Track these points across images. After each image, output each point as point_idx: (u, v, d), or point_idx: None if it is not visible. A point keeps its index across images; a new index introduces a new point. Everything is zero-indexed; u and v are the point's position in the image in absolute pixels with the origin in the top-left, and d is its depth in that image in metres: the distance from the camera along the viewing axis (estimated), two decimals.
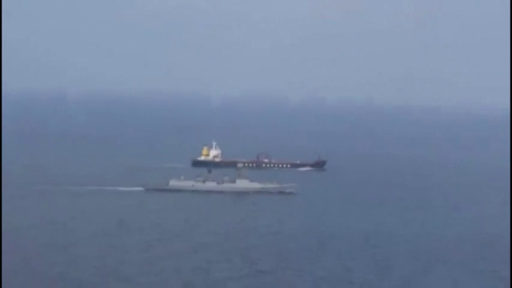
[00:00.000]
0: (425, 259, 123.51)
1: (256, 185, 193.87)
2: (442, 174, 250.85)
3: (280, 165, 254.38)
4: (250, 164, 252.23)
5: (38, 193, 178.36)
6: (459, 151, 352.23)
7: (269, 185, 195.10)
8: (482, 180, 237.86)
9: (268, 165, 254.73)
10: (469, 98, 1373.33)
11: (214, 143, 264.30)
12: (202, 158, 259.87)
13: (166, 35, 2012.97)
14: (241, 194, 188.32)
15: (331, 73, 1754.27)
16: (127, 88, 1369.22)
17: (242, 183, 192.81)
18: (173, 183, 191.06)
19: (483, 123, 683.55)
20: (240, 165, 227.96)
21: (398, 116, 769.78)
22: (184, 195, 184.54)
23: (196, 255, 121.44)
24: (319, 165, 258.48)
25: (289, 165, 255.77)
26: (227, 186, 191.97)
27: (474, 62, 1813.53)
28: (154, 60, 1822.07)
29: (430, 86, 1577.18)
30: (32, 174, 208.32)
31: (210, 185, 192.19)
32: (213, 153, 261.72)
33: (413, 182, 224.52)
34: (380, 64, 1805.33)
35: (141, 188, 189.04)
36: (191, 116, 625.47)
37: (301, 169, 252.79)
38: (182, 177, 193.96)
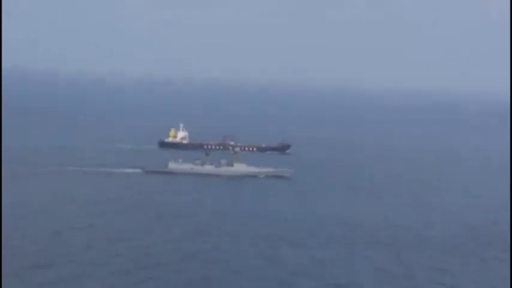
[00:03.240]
0: None
1: (253, 169, 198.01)
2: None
3: (246, 148, 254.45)
4: (217, 147, 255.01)
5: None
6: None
7: (265, 169, 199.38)
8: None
9: (234, 148, 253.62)
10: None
11: (181, 125, 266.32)
12: (170, 139, 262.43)
13: None
14: (238, 177, 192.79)
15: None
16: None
17: (239, 167, 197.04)
18: (172, 165, 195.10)
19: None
20: (207, 146, 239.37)
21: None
22: (183, 177, 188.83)
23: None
24: (283, 148, 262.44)
25: (254, 149, 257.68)
26: (225, 169, 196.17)
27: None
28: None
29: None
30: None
31: (208, 168, 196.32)
32: (180, 135, 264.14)
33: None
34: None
35: (139, 170, 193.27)
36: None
37: (267, 152, 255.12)
38: (180, 160, 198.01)
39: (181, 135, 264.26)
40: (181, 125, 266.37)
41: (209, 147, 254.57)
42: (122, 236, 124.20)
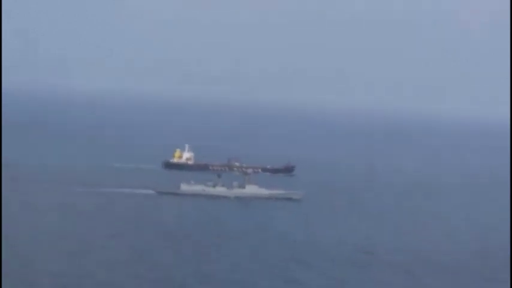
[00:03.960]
0: None
1: (264, 191, 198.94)
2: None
3: (250, 170, 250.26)
4: (222, 168, 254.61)
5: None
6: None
7: (277, 192, 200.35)
8: None
9: (239, 170, 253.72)
10: None
11: (187, 146, 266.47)
12: (175, 160, 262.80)
13: None
14: (250, 199, 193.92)
15: None
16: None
17: (251, 189, 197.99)
18: (184, 187, 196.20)
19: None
20: (212, 168, 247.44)
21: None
22: (195, 199, 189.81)
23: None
24: (288, 170, 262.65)
25: (259, 170, 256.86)
26: (237, 191, 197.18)
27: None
28: None
29: None
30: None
31: (220, 189, 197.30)
32: (185, 155, 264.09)
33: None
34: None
35: (151, 191, 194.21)
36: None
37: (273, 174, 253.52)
38: (192, 181, 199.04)
39: (186, 156, 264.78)
40: (186, 146, 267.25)
41: (214, 168, 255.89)
42: (140, 256, 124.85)
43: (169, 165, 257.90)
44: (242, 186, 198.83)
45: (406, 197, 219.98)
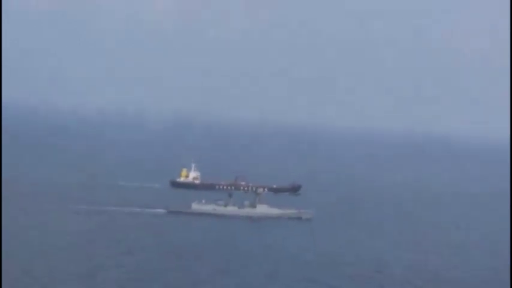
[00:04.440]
0: None
1: (275, 211, 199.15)
2: None
3: (261, 189, 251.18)
4: (229, 187, 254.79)
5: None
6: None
7: (287, 211, 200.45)
8: None
9: (246, 189, 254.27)
10: None
11: (193, 165, 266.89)
12: (182, 179, 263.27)
13: None
14: (261, 218, 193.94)
15: None
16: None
17: (262, 208, 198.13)
18: (195, 206, 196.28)
19: None
20: (218, 187, 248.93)
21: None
22: (206, 218, 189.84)
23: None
24: (294, 189, 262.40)
25: (265, 189, 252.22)
26: (247, 211, 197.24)
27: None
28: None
29: None
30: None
31: (231, 209, 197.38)
32: (192, 175, 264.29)
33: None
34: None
35: (163, 210, 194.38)
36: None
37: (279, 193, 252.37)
38: (203, 200, 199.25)
39: (193, 175, 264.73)
40: (193, 165, 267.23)
41: (221, 187, 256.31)
42: (154, 275, 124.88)
43: (176, 184, 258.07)
44: (253, 205, 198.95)
45: (409, 210, 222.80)
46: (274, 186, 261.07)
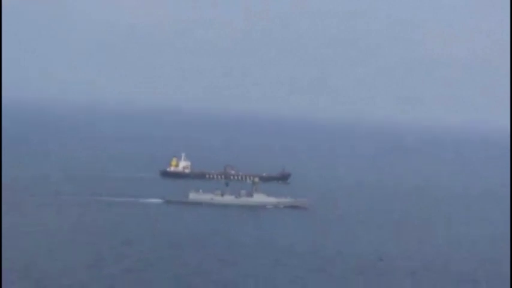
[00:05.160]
0: None
1: (272, 199, 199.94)
2: None
3: (246, 178, 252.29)
4: (219, 176, 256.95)
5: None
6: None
7: (284, 200, 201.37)
8: None
9: (235, 177, 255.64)
10: None
11: (183, 154, 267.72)
12: (172, 168, 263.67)
13: None
14: (258, 207, 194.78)
15: None
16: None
17: (259, 198, 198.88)
18: (193, 196, 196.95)
19: None
20: (209, 176, 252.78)
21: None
22: (204, 208, 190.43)
23: None
24: (284, 177, 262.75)
25: (256, 178, 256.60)
26: (245, 200, 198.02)
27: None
28: None
29: None
30: None
31: (228, 198, 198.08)
32: (182, 164, 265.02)
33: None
34: None
35: (160, 200, 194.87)
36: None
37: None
38: (200, 190, 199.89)
39: (183, 165, 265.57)
40: (183, 155, 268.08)
41: (211, 176, 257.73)
42: (155, 266, 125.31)
43: (166, 174, 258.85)
44: (250, 194, 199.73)
45: (403, 201, 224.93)
46: (264, 174, 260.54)
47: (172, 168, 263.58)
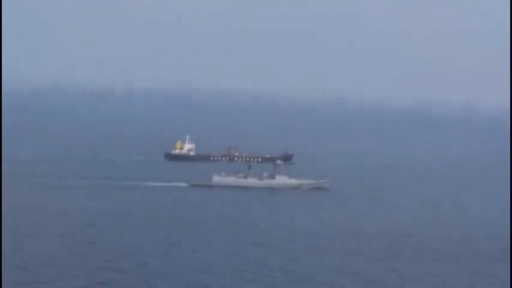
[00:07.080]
0: None
1: (293, 181, 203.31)
2: None
3: (250, 159, 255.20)
4: (223, 158, 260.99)
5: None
6: None
7: (306, 181, 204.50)
8: None
9: (239, 159, 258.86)
10: None
11: (187, 137, 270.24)
12: (177, 151, 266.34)
13: None
14: (281, 189, 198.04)
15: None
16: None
17: (281, 179, 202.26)
18: (216, 179, 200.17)
19: None
20: (213, 158, 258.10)
21: None
22: (228, 190, 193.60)
23: None
24: (287, 158, 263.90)
25: (259, 159, 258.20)
26: (267, 182, 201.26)
27: None
28: None
29: None
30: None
31: (251, 181, 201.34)
32: (187, 147, 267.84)
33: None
34: None
35: (185, 184, 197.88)
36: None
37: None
38: (223, 173, 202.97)
39: (188, 147, 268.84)
40: (187, 137, 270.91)
41: (215, 158, 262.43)
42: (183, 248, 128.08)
43: (170, 157, 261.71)
44: (272, 176, 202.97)
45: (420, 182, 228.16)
46: (267, 155, 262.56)
47: (177, 151, 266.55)
